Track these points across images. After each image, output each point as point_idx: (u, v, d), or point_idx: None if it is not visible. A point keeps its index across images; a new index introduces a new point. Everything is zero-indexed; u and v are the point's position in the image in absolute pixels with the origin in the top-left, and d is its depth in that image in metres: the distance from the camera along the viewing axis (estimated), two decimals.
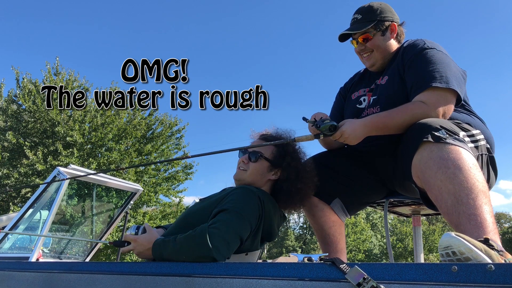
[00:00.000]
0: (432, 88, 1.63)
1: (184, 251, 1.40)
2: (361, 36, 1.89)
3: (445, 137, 1.43)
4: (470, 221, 1.31)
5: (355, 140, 1.63)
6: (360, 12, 1.92)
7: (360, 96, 1.97)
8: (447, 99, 1.63)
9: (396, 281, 0.94)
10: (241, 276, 1.16)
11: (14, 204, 12.58)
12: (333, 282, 1.02)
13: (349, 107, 2.01)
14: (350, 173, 1.92)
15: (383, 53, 1.90)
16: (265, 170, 1.73)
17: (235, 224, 1.47)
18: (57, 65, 14.00)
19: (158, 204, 14.34)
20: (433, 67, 1.67)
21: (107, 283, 1.44)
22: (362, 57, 1.96)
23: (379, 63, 1.93)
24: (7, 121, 13.32)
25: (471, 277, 0.87)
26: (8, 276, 1.81)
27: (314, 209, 1.91)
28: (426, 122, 1.51)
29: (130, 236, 1.59)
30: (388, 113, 1.66)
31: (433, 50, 1.74)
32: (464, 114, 1.75)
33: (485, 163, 1.63)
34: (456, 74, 1.69)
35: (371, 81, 1.98)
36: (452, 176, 1.37)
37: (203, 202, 1.69)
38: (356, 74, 2.15)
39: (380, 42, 1.89)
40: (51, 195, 4.04)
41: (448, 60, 1.72)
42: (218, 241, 1.39)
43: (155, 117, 14.86)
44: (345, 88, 2.15)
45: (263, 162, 1.73)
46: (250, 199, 1.57)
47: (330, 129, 1.61)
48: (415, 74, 1.71)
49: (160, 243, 1.49)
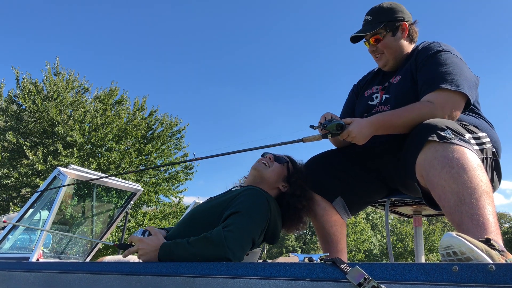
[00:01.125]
0: (442, 89, 1.63)
1: (199, 253, 1.42)
2: (372, 37, 1.91)
3: (451, 137, 1.43)
4: (473, 220, 1.31)
5: (362, 140, 1.64)
6: (370, 13, 1.94)
7: (373, 94, 1.98)
8: (455, 102, 1.63)
9: (397, 281, 0.94)
10: (242, 276, 1.16)
11: (14, 204, 12.58)
12: (334, 282, 1.01)
13: (361, 104, 2.02)
14: (353, 172, 1.92)
15: (394, 54, 1.92)
16: (282, 176, 1.81)
17: (249, 226, 1.50)
18: (57, 65, 14.02)
19: (158, 204, 14.36)
20: (445, 69, 1.68)
21: (107, 283, 1.44)
22: (375, 57, 1.98)
23: (391, 63, 1.94)
24: (7, 121, 13.33)
25: (472, 277, 0.87)
26: (9, 276, 1.81)
27: (317, 207, 1.91)
28: (432, 122, 1.51)
29: (136, 237, 1.56)
30: (394, 112, 1.67)
31: (448, 53, 1.75)
32: (471, 117, 1.75)
33: (489, 166, 1.63)
34: (468, 78, 1.69)
35: (384, 79, 2.00)
36: (456, 176, 1.37)
37: (211, 201, 1.71)
38: (370, 72, 2.16)
39: (391, 43, 1.90)
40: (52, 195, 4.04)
41: (461, 65, 1.72)
42: (233, 244, 1.42)
43: (155, 117, 14.88)
44: (358, 85, 2.16)
45: (284, 169, 1.83)
46: (260, 201, 1.59)
47: (337, 128, 1.62)
48: (426, 74, 1.72)
49: (171, 244, 1.48)
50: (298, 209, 1.75)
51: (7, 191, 13.00)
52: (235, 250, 1.42)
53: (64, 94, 13.42)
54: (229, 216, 1.52)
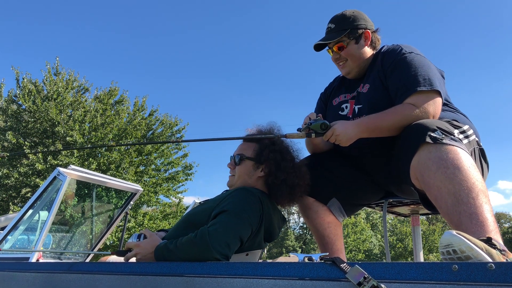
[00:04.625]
0: (418, 92, 1.65)
1: (186, 253, 1.43)
2: (336, 45, 1.91)
3: (442, 138, 1.44)
4: (472, 220, 1.31)
5: (346, 141, 1.64)
6: (333, 22, 1.94)
7: (342, 103, 1.97)
8: (434, 100, 1.66)
9: (397, 280, 0.94)
10: (242, 276, 1.16)
11: (14, 204, 12.58)
12: (333, 281, 1.01)
13: (331, 113, 2.01)
14: (346, 174, 1.92)
15: (358, 61, 1.92)
16: (250, 169, 1.74)
17: (234, 224, 1.49)
18: (57, 65, 14.00)
19: (159, 204, 14.35)
20: (414, 71, 1.69)
21: (107, 283, 1.44)
22: (338, 65, 1.98)
23: (355, 71, 1.95)
24: (7, 121, 13.32)
25: (471, 276, 0.87)
26: (9, 277, 1.81)
27: (308, 211, 1.91)
28: (422, 123, 1.52)
29: (131, 243, 1.61)
30: (379, 115, 1.68)
31: (411, 54, 1.76)
32: (449, 112, 1.77)
33: (477, 156, 1.66)
34: (436, 74, 1.72)
35: (351, 87, 1.99)
36: (452, 176, 1.38)
37: (205, 204, 1.71)
38: (336, 79, 2.15)
39: (354, 51, 1.90)
40: (51, 196, 4.03)
41: (427, 62, 1.75)
42: (217, 241, 1.42)
43: (155, 117, 14.88)
44: (325, 93, 2.15)
45: (246, 162, 1.75)
46: (250, 199, 1.58)
47: (321, 128, 1.62)
48: (398, 80, 1.73)
49: (162, 247, 1.51)
50: (278, 185, 1.69)
51: (7, 191, 12.99)
52: (219, 248, 1.41)
53: (64, 94, 13.41)
54: (216, 215, 1.53)
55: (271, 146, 1.75)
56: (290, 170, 1.71)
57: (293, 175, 1.71)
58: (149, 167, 14.10)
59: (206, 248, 1.40)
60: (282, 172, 1.69)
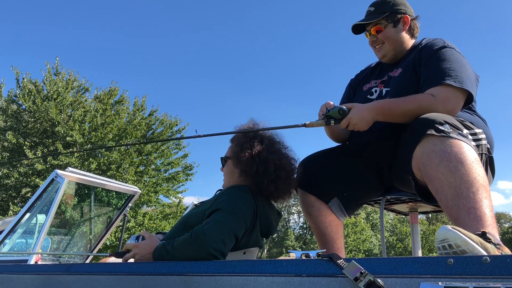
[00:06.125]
0: (445, 84, 1.63)
1: (183, 253, 1.46)
2: (374, 27, 1.92)
3: (449, 131, 1.43)
4: (470, 214, 1.31)
5: (364, 125, 1.64)
6: (373, 5, 1.96)
7: (372, 88, 1.98)
8: (457, 98, 1.64)
9: (393, 275, 0.94)
10: (239, 274, 1.16)
11: (14, 204, 12.58)
12: (330, 277, 1.02)
13: (359, 98, 2.01)
14: (348, 172, 1.91)
15: (394, 45, 1.92)
16: (232, 168, 1.76)
17: (228, 222, 1.50)
18: (57, 65, 13.99)
19: (158, 205, 14.35)
20: (449, 66, 1.68)
21: (106, 283, 1.44)
22: (374, 49, 1.99)
23: (390, 55, 1.95)
24: (7, 121, 13.31)
25: (467, 269, 0.87)
26: (7, 279, 1.81)
27: (311, 208, 1.91)
28: (430, 116, 1.51)
29: (130, 244, 1.63)
30: (394, 100, 1.68)
31: (452, 49, 1.76)
32: (467, 113, 1.76)
33: (484, 162, 1.64)
34: (470, 76, 1.70)
35: (383, 73, 2.00)
36: (454, 170, 1.37)
37: (200, 206, 1.72)
38: (368, 67, 2.17)
39: (391, 34, 1.91)
40: (49, 198, 4.02)
41: (464, 62, 1.74)
42: (212, 239, 1.44)
43: (155, 117, 14.88)
44: (356, 79, 2.16)
45: (229, 162, 1.78)
46: (242, 196, 1.59)
47: (339, 113, 1.63)
48: (430, 69, 1.73)
49: (160, 248, 1.54)
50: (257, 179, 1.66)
51: (7, 191, 12.99)
52: (214, 245, 1.43)
53: (64, 94, 13.41)
54: (209, 214, 1.55)
55: (247, 143, 1.71)
56: (268, 163, 1.66)
57: (273, 166, 1.66)
58: (149, 167, 14.10)
59: (202, 246, 1.42)
60: (258, 164, 1.65)
